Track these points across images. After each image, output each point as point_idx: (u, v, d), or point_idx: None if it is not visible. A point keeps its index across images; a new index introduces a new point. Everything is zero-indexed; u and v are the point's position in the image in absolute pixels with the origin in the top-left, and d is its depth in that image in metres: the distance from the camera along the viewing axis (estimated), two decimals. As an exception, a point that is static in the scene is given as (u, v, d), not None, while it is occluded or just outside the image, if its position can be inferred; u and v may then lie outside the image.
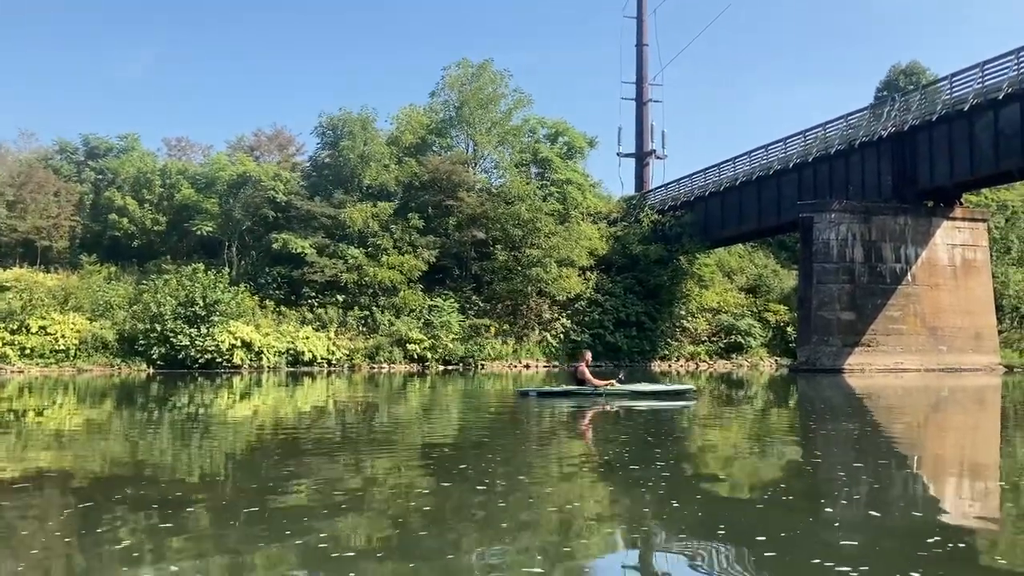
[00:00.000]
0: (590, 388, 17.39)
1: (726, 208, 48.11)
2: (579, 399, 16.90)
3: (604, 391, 17.21)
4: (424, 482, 7.35)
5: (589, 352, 19.59)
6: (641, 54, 67.43)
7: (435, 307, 43.92)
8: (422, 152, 48.43)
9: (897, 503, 6.31)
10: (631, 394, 17.38)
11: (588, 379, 17.61)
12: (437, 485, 7.08)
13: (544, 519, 5.74)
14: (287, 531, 5.29)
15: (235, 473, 8.33)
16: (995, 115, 32.76)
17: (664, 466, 8.13)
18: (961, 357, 37.60)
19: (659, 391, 17.88)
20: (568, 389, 17.76)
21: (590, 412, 14.69)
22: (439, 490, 6.83)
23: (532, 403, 16.60)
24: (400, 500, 6.49)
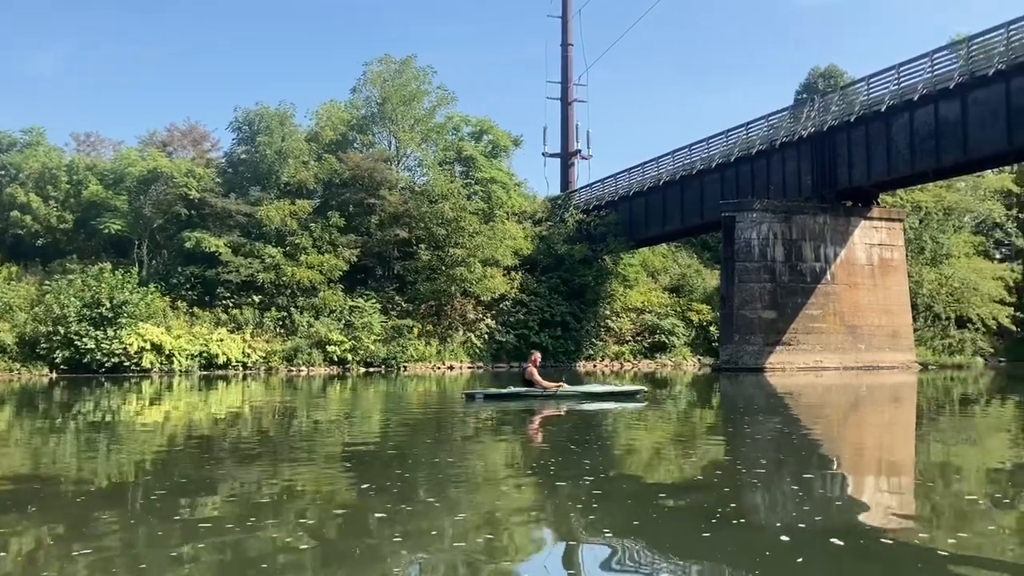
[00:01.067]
0: (539, 390, 16.89)
1: (650, 208, 48.14)
2: (528, 401, 16.46)
3: (555, 393, 16.79)
4: (345, 488, 7.18)
5: (538, 353, 18.88)
6: (566, 54, 67.22)
7: (356, 308, 42.81)
8: (343, 149, 47.22)
9: (818, 501, 6.38)
10: (582, 395, 17.07)
11: (537, 381, 17.06)
12: (358, 491, 6.90)
13: (468, 523, 5.68)
14: (199, 542, 5.11)
15: (145, 481, 7.93)
16: (910, 116, 33.27)
17: (590, 467, 8.06)
18: (879, 355, 38.21)
19: (610, 392, 17.58)
20: (516, 391, 17.17)
21: (539, 415, 14.41)
22: (360, 496, 6.68)
23: (479, 406, 16.07)
24: (319, 507, 6.33)
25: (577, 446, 9.90)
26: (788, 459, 8.70)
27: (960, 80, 30.94)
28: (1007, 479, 7.60)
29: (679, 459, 8.94)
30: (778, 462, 8.48)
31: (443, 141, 50.24)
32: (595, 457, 8.81)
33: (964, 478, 7.71)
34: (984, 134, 30.66)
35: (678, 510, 5.90)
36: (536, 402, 16.26)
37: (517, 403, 16.21)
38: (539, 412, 14.75)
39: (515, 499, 6.74)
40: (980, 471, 8.20)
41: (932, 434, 11.85)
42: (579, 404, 16.07)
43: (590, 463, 8.17)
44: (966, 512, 6.03)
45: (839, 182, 37.22)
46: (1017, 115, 29.38)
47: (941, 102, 32.01)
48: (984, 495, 6.72)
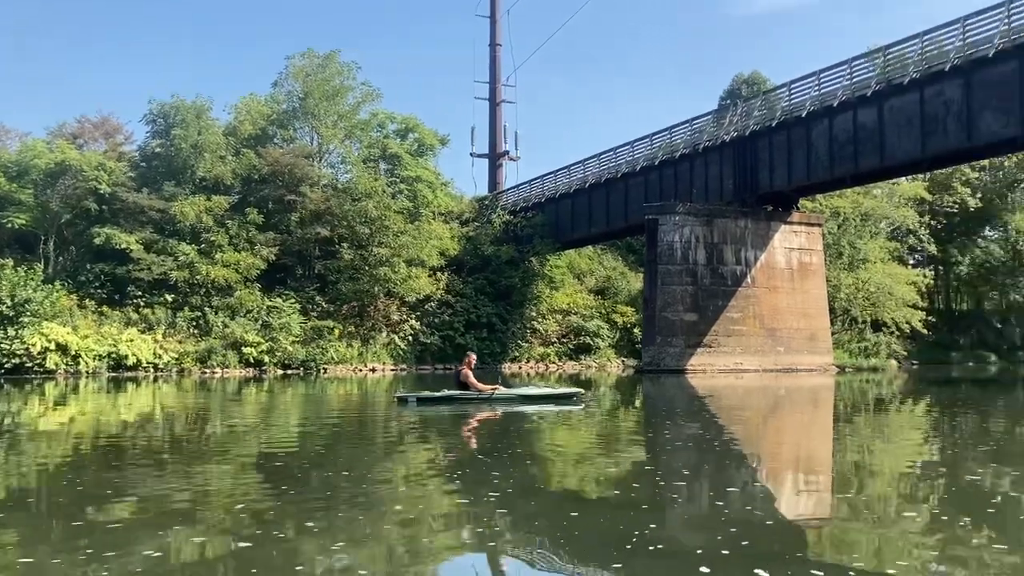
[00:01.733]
0: (474, 393, 16.32)
1: (576, 210, 48.09)
2: (462, 405, 15.89)
3: (490, 396, 16.23)
4: (261, 493, 6.97)
5: (474, 354, 18.22)
6: (494, 54, 66.99)
7: (274, 308, 41.62)
8: (262, 144, 45.92)
9: (737, 501, 6.41)
10: (519, 398, 16.54)
11: (473, 383, 16.46)
12: (275, 496, 6.72)
13: (388, 526, 5.60)
14: (108, 550, 4.87)
15: (49, 487, 7.58)
16: (830, 123, 33.78)
17: (511, 470, 8.03)
18: (797, 358, 38.75)
19: (547, 395, 17.09)
20: (451, 394, 16.54)
21: (474, 418, 13.92)
22: (277, 501, 6.48)
23: (411, 410, 15.45)
24: (235, 512, 6.07)
25: (493, 454, 9.55)
26: (709, 468, 8.48)
27: (877, 88, 31.52)
28: (925, 484, 7.57)
29: (597, 469, 8.59)
30: (699, 472, 8.25)
31: (367, 138, 49.32)
32: (506, 468, 8.28)
33: (882, 483, 7.66)
34: (900, 141, 31.30)
35: (590, 532, 5.47)
36: (471, 406, 15.73)
37: (451, 407, 15.71)
38: (473, 416, 14.30)
39: (439, 500, 6.68)
40: (896, 475, 8.18)
41: (850, 437, 11.84)
42: (515, 407, 15.61)
43: (499, 473, 7.80)
44: (885, 521, 5.92)
45: (760, 186, 37.63)
46: (931, 123, 30.06)
47: (860, 109, 32.58)
48: (900, 494, 6.79)
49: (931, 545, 5.13)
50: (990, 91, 28.09)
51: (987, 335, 58.92)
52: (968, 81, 28.73)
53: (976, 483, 7.25)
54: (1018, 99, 27.10)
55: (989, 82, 28.11)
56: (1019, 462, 8.61)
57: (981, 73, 28.35)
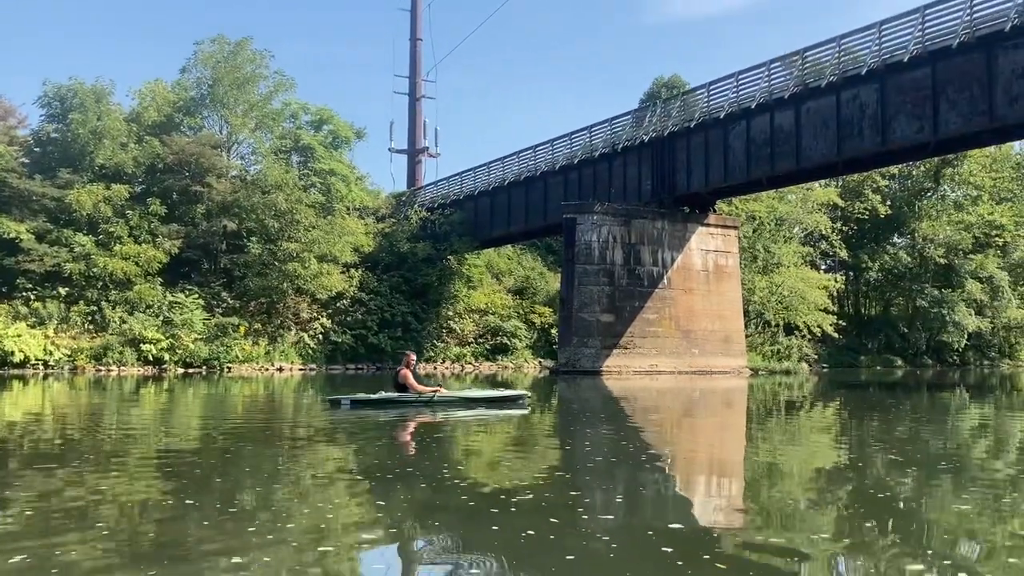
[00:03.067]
0: (413, 395, 15.28)
1: (495, 208, 47.34)
2: (401, 408, 14.83)
3: (431, 398, 15.23)
4: (160, 497, 6.61)
5: (413, 354, 16.95)
6: (415, 48, 65.88)
7: (176, 303, 39.68)
8: (168, 132, 43.75)
9: (650, 504, 6.47)
10: (461, 401, 15.70)
11: (412, 385, 15.39)
12: (175, 500, 6.41)
13: (296, 530, 5.38)
14: None
15: None
16: (747, 124, 33.76)
17: (424, 472, 7.84)
18: (712, 360, 38.70)
19: (491, 397, 16.32)
20: (388, 397, 15.42)
21: (413, 423, 13.05)
22: (177, 505, 6.20)
23: (344, 414, 14.32)
24: (132, 517, 5.83)
25: (415, 450, 9.54)
26: (623, 463, 8.46)
27: (795, 91, 31.59)
28: (829, 481, 7.77)
29: (509, 474, 8.20)
30: (613, 466, 8.28)
31: (279, 129, 47.54)
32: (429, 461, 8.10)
33: (792, 486, 7.63)
34: (816, 144, 31.42)
35: (500, 537, 5.19)
36: (410, 409, 14.73)
37: (389, 410, 14.67)
38: (412, 420, 13.39)
39: (348, 504, 6.48)
40: (805, 477, 8.20)
41: (762, 440, 11.71)
42: (458, 411, 14.75)
43: (424, 468, 7.59)
44: (793, 524, 5.88)
45: (678, 188, 37.45)
46: (846, 126, 30.22)
47: (777, 112, 32.62)
48: (809, 497, 6.86)
49: (837, 548, 5.16)
50: (905, 96, 28.33)
51: (894, 340, 60.27)
52: (883, 86, 28.94)
53: (882, 485, 7.30)
54: (931, 105, 27.39)
55: (904, 87, 28.36)
56: (922, 465, 8.66)
57: (896, 78, 28.58)
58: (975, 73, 26.25)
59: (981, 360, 62.97)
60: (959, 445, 10.91)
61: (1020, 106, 25.30)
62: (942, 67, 27.12)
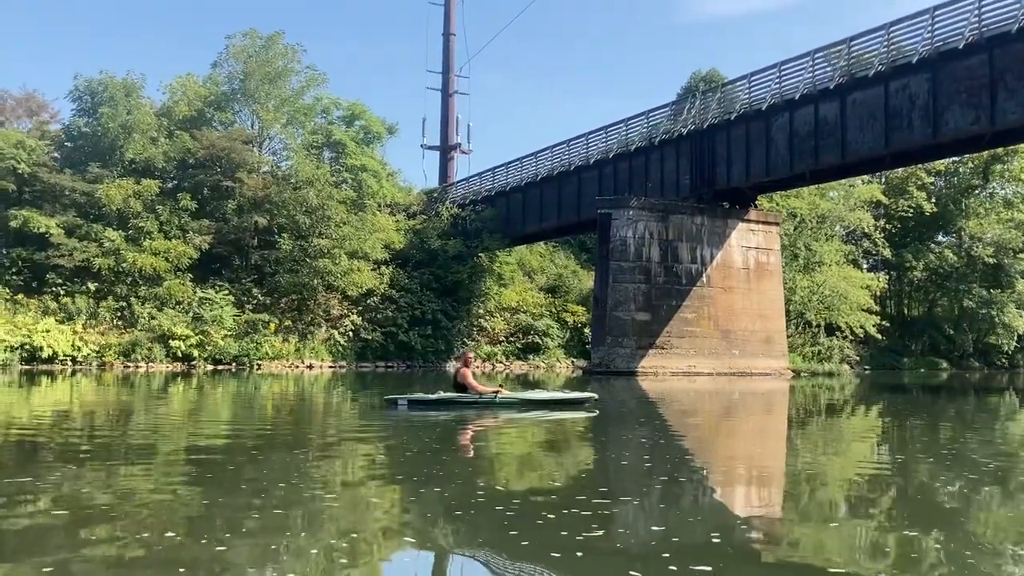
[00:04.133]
0: (474, 396, 14.48)
1: (527, 204, 46.43)
2: (460, 409, 14.06)
3: (492, 399, 14.39)
4: (189, 494, 6.49)
5: (472, 352, 16.33)
6: (448, 44, 65.09)
7: (206, 299, 39.30)
8: (198, 127, 43.39)
9: (688, 509, 6.36)
10: (523, 403, 14.77)
11: (472, 385, 14.60)
12: (205, 497, 6.30)
13: (327, 530, 5.34)
14: (19, 552, 4.65)
15: None
16: (790, 117, 32.48)
17: (456, 474, 7.67)
18: (752, 361, 37.42)
19: (556, 399, 15.30)
20: (447, 397, 14.67)
21: (473, 425, 12.45)
22: (207, 503, 6.11)
23: (400, 414, 13.67)
24: (160, 515, 5.69)
25: (445, 452, 9.36)
26: (661, 466, 8.20)
27: (840, 81, 30.26)
28: (871, 491, 7.35)
29: (543, 476, 7.96)
30: (651, 470, 8.00)
31: (310, 124, 47.02)
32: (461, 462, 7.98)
33: (831, 492, 7.38)
34: (862, 136, 30.07)
35: (534, 538, 5.05)
36: (470, 410, 13.92)
37: (446, 412, 13.92)
38: (472, 422, 12.70)
39: (380, 504, 6.35)
40: (849, 484, 7.90)
41: (803, 445, 11.25)
42: (520, 413, 13.90)
43: (456, 469, 7.47)
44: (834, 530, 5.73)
45: (717, 182, 36.25)
46: (894, 118, 28.86)
47: (821, 103, 31.32)
48: (850, 509, 6.61)
49: (879, 553, 5.10)
50: (959, 85, 26.89)
51: (939, 341, 58.47)
52: (935, 75, 27.54)
53: (927, 495, 7.08)
54: (987, 94, 25.98)
55: (957, 76, 26.92)
56: (968, 473, 8.17)
57: (949, 67, 27.15)
58: (1036, 59, 24.86)
59: (1030, 363, 60.87)
60: (1009, 453, 10.35)
61: (1084, 94, 23.88)
62: (1000, 54, 25.69)
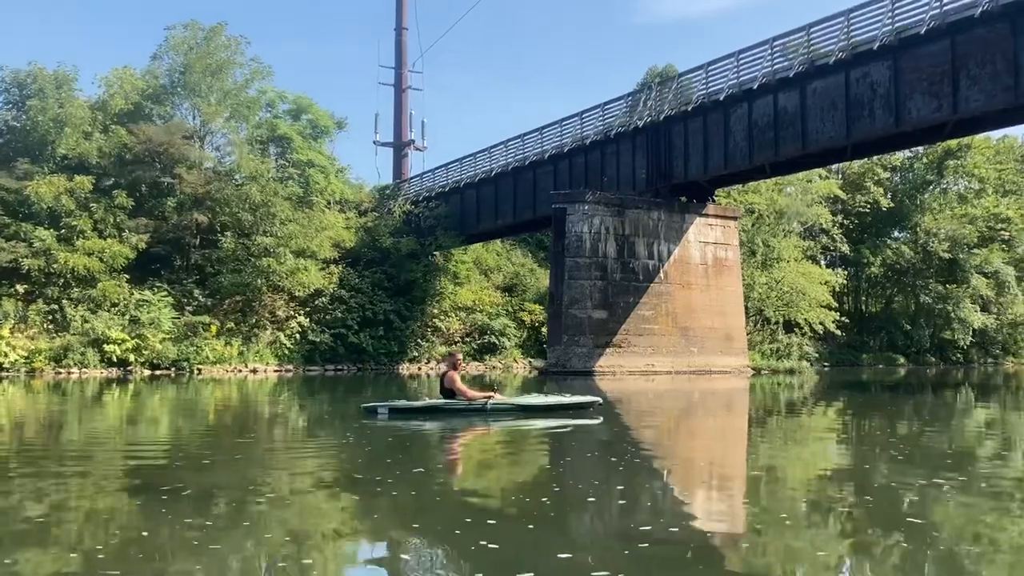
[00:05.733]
0: (463, 402, 13.09)
1: (482, 201, 45.16)
2: (448, 417, 12.72)
3: (484, 406, 12.96)
4: (128, 507, 6.30)
5: (459, 354, 14.70)
6: (400, 38, 63.74)
7: (144, 302, 37.38)
8: (136, 122, 41.36)
9: (646, 512, 6.18)
10: (519, 409, 13.39)
11: (461, 390, 13.21)
12: (145, 510, 6.05)
13: (276, 540, 5.13)
14: None
15: None
16: (749, 107, 31.55)
17: (412, 478, 7.51)
18: (712, 359, 36.50)
19: (556, 405, 13.91)
20: (433, 404, 13.28)
21: (463, 435, 11.42)
22: (147, 515, 5.81)
23: (381, 422, 12.36)
24: (98, 529, 5.44)
25: (400, 455, 9.10)
26: (619, 469, 8.08)
27: (800, 69, 29.39)
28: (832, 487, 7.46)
29: (500, 480, 7.91)
30: (608, 472, 7.92)
31: (255, 118, 45.23)
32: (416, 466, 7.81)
33: (791, 489, 7.39)
34: (823, 126, 29.19)
35: (492, 545, 4.96)
36: (459, 418, 12.64)
37: (433, 420, 12.59)
38: (463, 432, 11.55)
39: (332, 511, 6.24)
40: (809, 480, 7.95)
41: (763, 443, 11.03)
42: (516, 421, 12.58)
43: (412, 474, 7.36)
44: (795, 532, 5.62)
45: (674, 175, 35.24)
46: (856, 107, 28.04)
47: (781, 93, 30.42)
48: (811, 505, 6.54)
49: (839, 553, 5.03)
50: (920, 73, 26.09)
51: (896, 337, 58.34)
52: (897, 62, 26.74)
53: (886, 491, 7.00)
54: (950, 81, 25.22)
55: (919, 63, 26.10)
56: (926, 468, 8.16)
57: (911, 53, 26.34)
58: (999, 45, 24.08)
59: (985, 358, 61.13)
60: (964, 447, 10.41)
61: (1049, 81, 23.21)
62: (962, 40, 24.94)
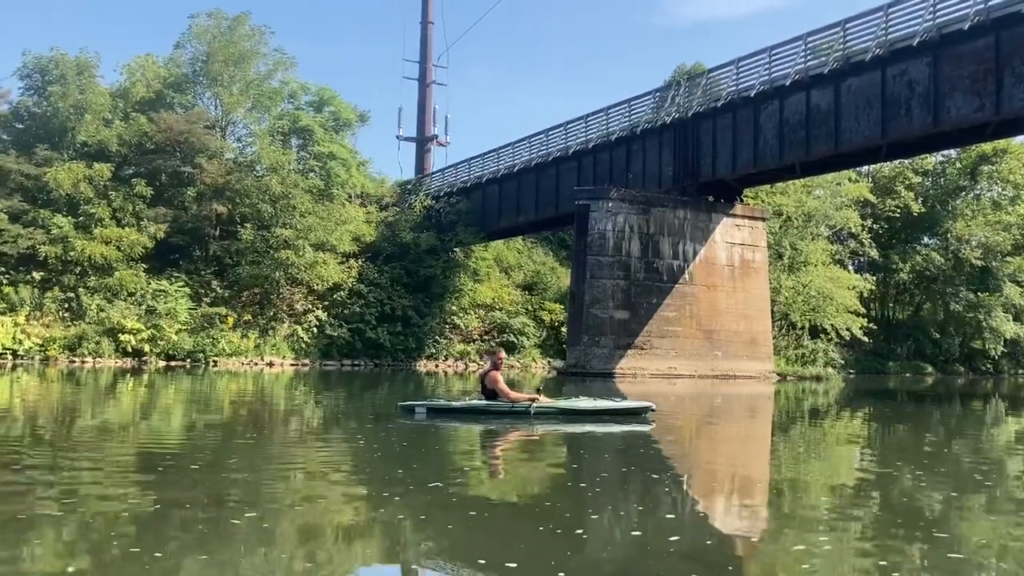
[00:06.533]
0: (506, 404, 12.20)
1: (504, 197, 44.45)
2: (488, 419, 11.91)
3: (527, 409, 12.02)
4: (140, 498, 6.03)
5: (503, 351, 13.63)
6: (425, 31, 63.10)
7: (161, 292, 37.04)
8: (156, 110, 41.03)
9: (664, 520, 5.96)
10: (564, 413, 12.31)
11: (504, 391, 12.27)
12: (156, 501, 5.85)
13: (288, 537, 5.04)
14: None
15: None
16: (781, 104, 30.61)
17: (424, 482, 7.10)
18: (736, 363, 35.55)
19: (605, 410, 12.75)
20: (474, 405, 12.50)
21: (505, 439, 10.60)
22: (158, 507, 5.69)
23: (416, 422, 11.70)
24: (107, 519, 5.31)
25: (412, 458, 8.66)
26: (637, 474, 7.88)
27: (834, 66, 28.42)
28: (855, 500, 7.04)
29: (516, 483, 7.62)
30: (626, 478, 7.71)
31: (277, 109, 44.77)
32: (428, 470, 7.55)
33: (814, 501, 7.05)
34: (857, 125, 28.21)
35: (507, 551, 4.70)
36: (500, 421, 11.79)
37: (473, 421, 11.84)
38: (505, 435, 10.78)
39: (344, 510, 5.94)
40: (832, 492, 7.55)
41: (786, 453, 10.52)
42: (562, 426, 11.68)
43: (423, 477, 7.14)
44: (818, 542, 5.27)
45: (702, 174, 34.35)
46: (892, 106, 27.05)
47: (814, 90, 29.46)
48: (833, 518, 6.23)
49: (859, 566, 4.81)
50: (962, 70, 25.04)
51: (924, 345, 57.08)
52: (936, 59, 25.72)
53: (911, 505, 6.78)
54: (993, 79, 24.19)
55: (961, 60, 25.05)
56: (952, 482, 7.95)
57: (952, 50, 25.29)
58: (1047, 42, 23.12)
59: (1016, 369, 59.68)
60: (992, 460, 10.03)
61: (1098, 80, 22.16)
62: (1007, 36, 23.89)
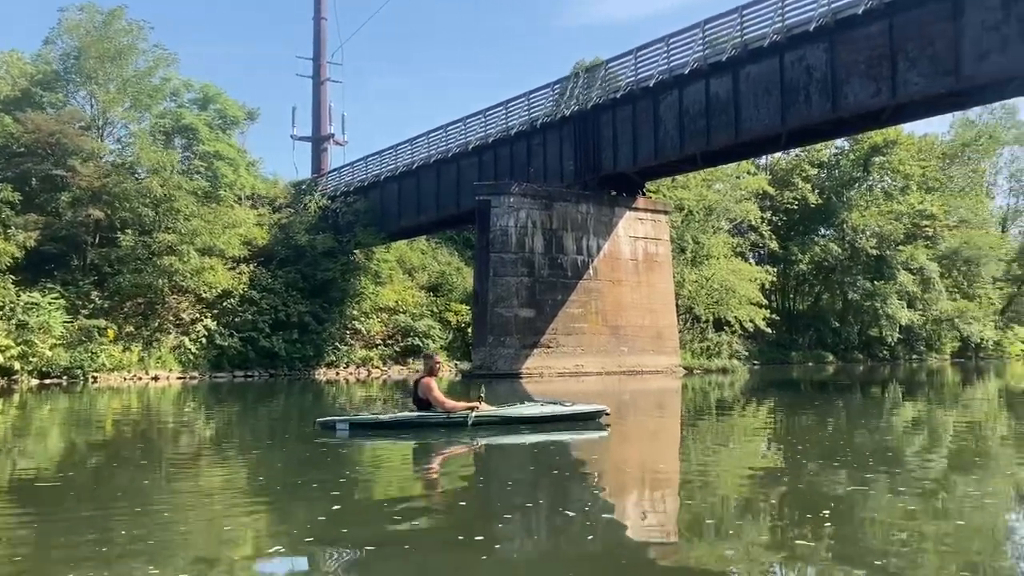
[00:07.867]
0: (442, 415, 10.99)
1: (404, 195, 43.06)
2: (425, 433, 10.63)
3: (466, 419, 10.83)
4: (18, 527, 5.86)
5: (439, 357, 12.38)
6: (319, 28, 61.07)
7: (32, 304, 34.19)
8: (23, 109, 38.07)
9: (576, 521, 5.94)
10: (507, 421, 11.16)
11: (439, 400, 11.10)
12: (37, 529, 5.78)
13: (180, 555, 4.98)
14: None
15: None
16: (680, 94, 30.24)
17: (328, 489, 6.99)
18: (642, 358, 35.08)
19: (555, 415, 11.55)
20: (404, 418, 11.12)
21: (442, 453, 9.78)
22: (39, 534, 5.58)
23: (340, 439, 10.47)
24: None
25: (315, 463, 8.74)
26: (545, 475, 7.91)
27: (733, 53, 28.11)
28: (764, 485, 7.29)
29: (419, 490, 7.63)
30: (533, 479, 7.75)
31: (158, 107, 42.21)
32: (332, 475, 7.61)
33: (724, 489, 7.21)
34: (757, 113, 27.98)
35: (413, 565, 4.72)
36: (436, 434, 10.62)
37: (404, 436, 10.63)
38: (440, 451, 9.82)
39: (243, 524, 5.88)
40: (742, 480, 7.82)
41: (695, 443, 10.87)
42: (505, 437, 10.51)
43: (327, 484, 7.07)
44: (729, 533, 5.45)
45: (603, 168, 33.75)
46: (791, 92, 26.88)
47: (713, 78, 29.16)
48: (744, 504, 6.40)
49: (770, 556, 4.97)
50: (858, 55, 25.00)
51: (825, 335, 58.22)
52: (833, 44, 25.63)
53: (817, 488, 6.96)
54: (889, 64, 24.18)
55: (857, 45, 25.01)
56: (855, 465, 8.22)
57: (848, 35, 25.22)
58: (939, 27, 23.14)
59: (910, 354, 61.51)
60: (890, 447, 10.20)
61: (990, 64, 22.29)
62: (901, 20, 23.93)
